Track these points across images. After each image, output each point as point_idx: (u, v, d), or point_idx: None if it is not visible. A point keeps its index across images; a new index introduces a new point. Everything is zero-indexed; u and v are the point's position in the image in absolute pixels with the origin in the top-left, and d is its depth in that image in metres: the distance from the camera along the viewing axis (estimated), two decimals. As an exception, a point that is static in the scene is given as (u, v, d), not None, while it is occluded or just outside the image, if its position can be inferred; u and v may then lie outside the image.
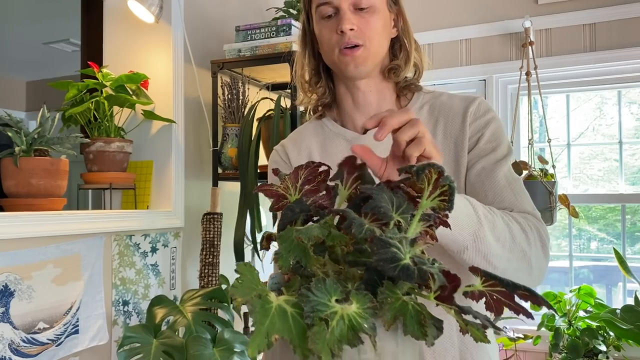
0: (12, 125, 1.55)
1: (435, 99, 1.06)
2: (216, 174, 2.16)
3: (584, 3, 2.60)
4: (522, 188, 0.98)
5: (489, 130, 0.99)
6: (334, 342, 0.48)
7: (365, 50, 1.00)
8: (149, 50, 2.06)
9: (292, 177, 0.68)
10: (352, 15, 0.99)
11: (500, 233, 0.84)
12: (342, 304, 0.51)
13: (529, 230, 0.89)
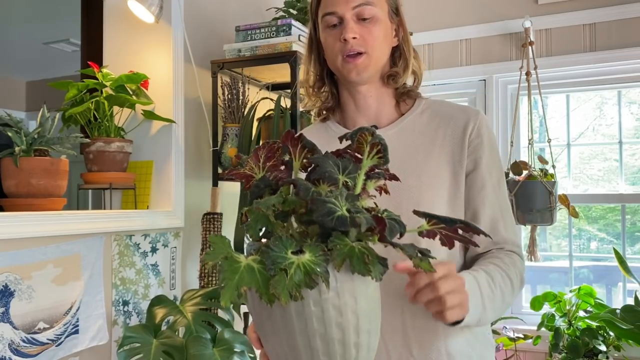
0: (12, 125, 1.55)
1: (436, 105, 1.12)
2: (216, 174, 2.16)
3: (584, 3, 2.60)
4: (510, 215, 1.08)
5: (487, 152, 1.06)
6: (293, 286, 0.60)
7: (367, 57, 1.06)
8: (149, 50, 2.06)
9: (254, 157, 0.76)
10: (355, 24, 1.05)
11: (497, 305, 0.96)
12: (298, 255, 0.62)
13: (517, 281, 1.01)
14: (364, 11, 1.05)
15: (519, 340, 2.50)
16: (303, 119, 2.07)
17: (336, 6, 1.06)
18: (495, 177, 1.07)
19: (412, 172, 1.06)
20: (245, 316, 2.13)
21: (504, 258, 1.03)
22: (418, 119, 1.11)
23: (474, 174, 1.06)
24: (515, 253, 1.06)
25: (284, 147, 0.77)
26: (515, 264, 1.03)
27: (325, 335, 0.65)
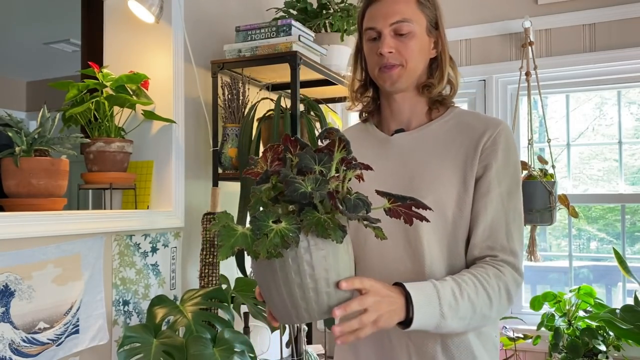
0: (13, 125, 1.55)
1: (463, 115, 1.22)
2: (216, 174, 2.17)
3: (584, 3, 2.60)
4: (518, 227, 1.13)
5: (499, 161, 1.13)
6: (271, 245, 0.81)
7: (401, 69, 1.17)
8: (149, 50, 2.07)
9: (263, 158, 0.96)
10: (392, 39, 1.16)
11: (463, 314, 1.03)
12: (277, 224, 0.83)
13: (496, 295, 1.06)
14: (401, 27, 1.16)
15: (519, 340, 2.50)
16: (303, 119, 2.07)
17: (376, 22, 1.18)
18: (505, 186, 1.13)
19: (424, 173, 1.17)
20: (245, 316, 2.13)
21: (489, 270, 1.08)
22: (442, 127, 1.21)
23: (482, 180, 1.14)
24: (509, 264, 1.10)
25: (285, 147, 0.94)
26: (500, 276, 1.08)
27: (302, 285, 0.86)
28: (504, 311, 1.11)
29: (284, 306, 0.88)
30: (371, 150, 1.25)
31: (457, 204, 1.13)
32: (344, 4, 2.33)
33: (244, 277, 2.02)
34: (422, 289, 1.01)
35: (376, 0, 1.19)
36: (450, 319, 1.01)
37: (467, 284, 1.05)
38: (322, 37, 2.36)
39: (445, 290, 1.02)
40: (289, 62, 2.02)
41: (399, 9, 1.16)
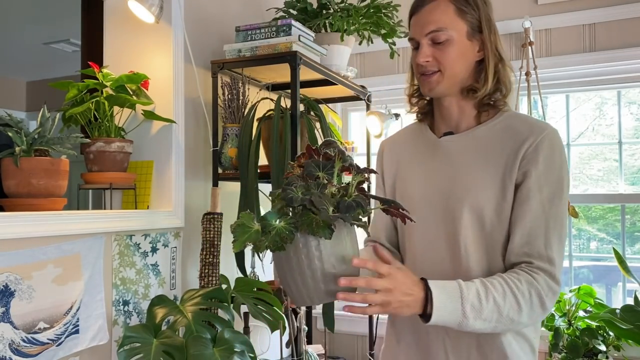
0: (13, 125, 1.55)
1: (512, 119, 1.22)
2: (216, 174, 2.17)
3: (584, 3, 2.60)
4: (559, 235, 1.14)
5: (540, 168, 1.14)
6: (272, 241, 0.96)
7: (440, 75, 1.21)
8: (149, 50, 2.07)
9: (297, 162, 1.09)
10: (429, 48, 1.20)
11: (487, 315, 1.06)
12: (279, 223, 0.98)
13: (526, 300, 1.08)
14: (437, 36, 1.19)
15: (519, 340, 2.50)
16: (303, 119, 2.07)
17: (414, 33, 1.23)
18: (547, 193, 1.14)
19: (464, 176, 1.21)
20: (245, 316, 2.13)
21: (522, 276, 1.10)
22: (489, 131, 1.23)
23: (521, 186, 1.15)
24: (544, 271, 1.11)
25: (309, 154, 1.08)
26: (532, 283, 1.09)
27: (303, 273, 1.00)
28: (538, 317, 1.12)
29: (297, 289, 1.02)
30: (421, 150, 1.32)
31: (494, 209, 1.16)
32: (344, 4, 2.33)
33: (244, 277, 2.02)
34: (445, 287, 1.06)
35: (417, 10, 1.23)
36: (472, 319, 1.05)
37: (495, 287, 1.08)
38: (322, 37, 2.36)
39: (470, 291, 1.06)
40: (289, 62, 2.02)
41: (435, 18, 1.19)
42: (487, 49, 1.22)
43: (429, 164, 1.28)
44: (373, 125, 2.71)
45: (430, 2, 1.20)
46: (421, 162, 1.30)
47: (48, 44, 4.57)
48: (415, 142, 1.36)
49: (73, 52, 4.72)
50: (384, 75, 3.01)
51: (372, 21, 2.35)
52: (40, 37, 4.42)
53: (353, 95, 2.67)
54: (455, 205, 1.20)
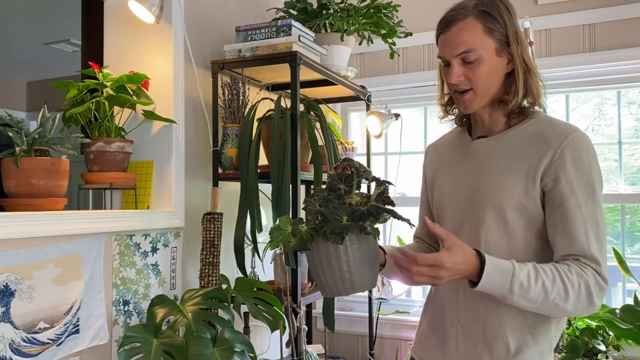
0: (13, 125, 1.55)
1: (540, 124, 1.27)
2: (216, 174, 2.17)
3: (584, 3, 2.60)
4: (596, 232, 1.18)
5: (569, 172, 1.18)
6: (297, 242, 1.14)
7: (472, 93, 1.26)
8: (149, 50, 2.07)
9: (334, 170, 1.21)
10: (460, 67, 1.24)
11: (533, 296, 1.12)
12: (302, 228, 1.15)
13: (574, 290, 1.13)
14: (468, 57, 1.22)
15: (519, 340, 2.50)
16: (303, 119, 2.07)
17: (444, 52, 1.27)
18: (580, 195, 1.18)
19: (489, 177, 1.27)
20: (245, 316, 2.13)
21: (572, 267, 1.15)
22: (518, 135, 1.27)
23: (554, 191, 1.19)
24: (592, 269, 1.16)
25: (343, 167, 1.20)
26: (582, 275, 1.14)
27: (324, 270, 1.15)
28: (584, 310, 1.16)
29: (327, 283, 1.16)
30: (457, 153, 1.40)
31: (517, 210, 1.22)
32: (344, 4, 2.33)
33: (244, 277, 2.03)
34: (498, 262, 1.14)
35: (444, 30, 1.27)
36: (517, 297, 1.12)
37: (546, 272, 1.14)
38: (322, 37, 2.36)
39: (522, 271, 1.13)
40: (289, 62, 2.02)
41: (464, 39, 1.22)
42: (516, 61, 1.25)
43: (462, 165, 1.36)
44: (373, 125, 2.71)
45: (458, 22, 1.24)
46: (456, 163, 1.38)
47: (48, 44, 4.57)
48: (454, 145, 1.44)
49: (73, 52, 4.72)
50: (384, 75, 3.01)
51: (372, 21, 2.35)
52: (40, 37, 4.41)
53: (353, 95, 2.67)
54: (479, 203, 1.27)
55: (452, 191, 1.35)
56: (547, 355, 1.24)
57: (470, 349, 1.26)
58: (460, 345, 1.28)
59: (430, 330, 1.38)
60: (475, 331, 1.26)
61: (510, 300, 1.13)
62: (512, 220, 1.22)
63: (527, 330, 1.23)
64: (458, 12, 1.25)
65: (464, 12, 1.24)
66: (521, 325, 1.23)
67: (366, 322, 2.79)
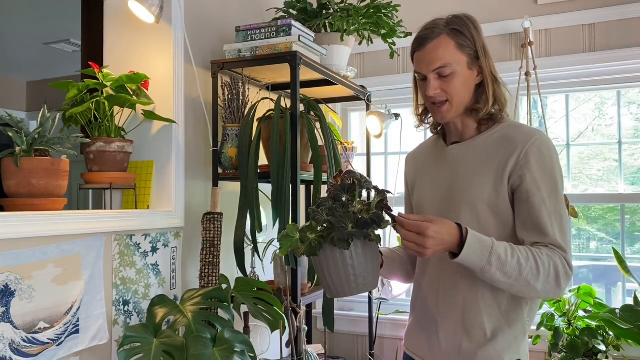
0: (13, 125, 1.56)
1: (507, 129, 1.40)
2: (216, 174, 2.17)
3: (584, 3, 2.60)
4: (560, 223, 1.31)
5: (534, 170, 1.31)
6: (306, 249, 1.24)
7: (449, 104, 1.38)
8: (149, 50, 2.07)
9: (334, 179, 1.30)
10: (437, 81, 1.36)
11: (509, 270, 1.23)
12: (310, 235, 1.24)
13: (545, 269, 1.25)
14: (443, 71, 1.35)
15: (519, 340, 2.50)
16: (303, 119, 2.07)
17: (421, 68, 1.38)
18: (545, 191, 1.31)
19: (464, 178, 1.40)
20: (245, 316, 2.13)
21: (543, 249, 1.27)
22: (487, 139, 1.40)
23: (521, 188, 1.32)
24: (560, 254, 1.27)
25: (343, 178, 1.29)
26: (552, 257, 1.26)
27: (331, 273, 1.25)
28: (551, 291, 1.27)
29: (334, 284, 1.26)
30: (434, 159, 1.52)
31: (488, 206, 1.34)
32: (344, 4, 2.34)
33: (244, 277, 2.03)
34: (479, 236, 1.24)
35: (420, 47, 1.38)
36: (495, 269, 1.22)
37: (521, 251, 1.25)
38: (322, 37, 2.36)
39: (500, 246, 1.24)
40: (289, 62, 2.02)
41: (440, 55, 1.34)
42: (485, 73, 1.39)
43: (438, 169, 1.48)
44: (373, 125, 2.71)
45: (433, 39, 1.35)
46: (433, 168, 1.50)
47: (48, 44, 4.56)
48: (430, 152, 1.56)
49: (73, 52, 4.72)
50: (384, 75, 3.01)
51: (372, 21, 2.35)
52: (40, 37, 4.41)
53: (353, 95, 2.67)
54: (455, 202, 1.39)
55: (431, 193, 1.48)
56: (521, 339, 1.36)
57: (451, 336, 1.38)
58: (441, 334, 1.39)
59: (417, 323, 1.49)
60: (455, 320, 1.37)
61: (488, 273, 1.23)
62: (484, 216, 1.34)
63: (501, 317, 1.34)
64: (432, 30, 1.37)
65: (437, 31, 1.36)
66: (496, 312, 1.34)
67: (366, 322, 2.79)
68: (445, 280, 1.39)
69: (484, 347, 1.34)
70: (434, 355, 1.42)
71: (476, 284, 1.35)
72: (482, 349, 1.34)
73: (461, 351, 1.36)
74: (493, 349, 1.33)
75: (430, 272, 1.46)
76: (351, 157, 2.68)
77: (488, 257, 1.22)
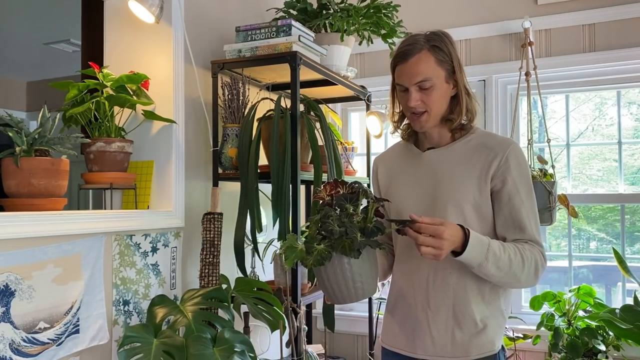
0: (13, 125, 1.56)
1: (482, 137, 1.52)
2: (216, 174, 2.17)
3: (584, 3, 2.61)
4: (536, 221, 1.46)
5: (513, 174, 1.45)
6: (315, 259, 1.26)
7: (427, 115, 1.49)
8: (149, 50, 2.07)
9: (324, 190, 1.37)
10: (417, 93, 1.47)
11: (501, 265, 1.37)
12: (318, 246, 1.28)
13: (528, 262, 1.40)
14: (424, 84, 1.46)
15: (519, 339, 2.51)
16: (303, 119, 2.07)
17: (403, 81, 1.48)
18: (523, 192, 1.45)
19: (448, 181, 1.50)
20: (245, 316, 2.13)
21: (525, 245, 1.42)
22: (465, 145, 1.52)
23: (502, 190, 1.45)
24: (538, 250, 1.43)
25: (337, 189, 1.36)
26: (533, 252, 1.41)
27: (338, 281, 1.30)
28: (530, 282, 1.42)
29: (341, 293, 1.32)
30: (409, 163, 1.61)
31: (473, 207, 1.46)
32: (344, 4, 2.34)
33: (244, 277, 2.03)
34: (479, 236, 1.37)
35: (402, 61, 1.48)
36: (490, 264, 1.35)
37: (510, 248, 1.40)
38: (322, 37, 2.36)
39: (494, 243, 1.37)
40: (289, 62, 2.02)
41: (421, 69, 1.45)
42: (460, 86, 1.50)
43: (417, 172, 1.57)
44: (373, 125, 2.71)
45: (414, 54, 1.45)
46: (410, 171, 1.60)
47: (48, 44, 4.56)
48: (403, 157, 1.65)
49: (73, 52, 4.72)
50: (384, 75, 3.01)
51: (372, 21, 2.35)
52: (40, 37, 4.41)
53: (353, 95, 2.67)
54: (441, 203, 1.49)
55: (411, 193, 1.57)
56: (503, 325, 1.51)
57: (442, 328, 1.47)
58: (432, 327, 1.48)
59: (400, 320, 1.57)
60: (446, 313, 1.47)
61: (484, 268, 1.36)
62: (469, 216, 1.46)
63: (485, 307, 1.47)
64: (413, 46, 1.46)
65: (418, 46, 1.46)
66: (481, 302, 1.46)
67: (366, 322, 2.79)
68: (435, 276, 1.48)
69: (477, 336, 1.45)
70: (425, 350, 1.49)
71: (465, 277, 1.46)
72: (475, 338, 1.45)
73: (455, 341, 1.46)
74: (485, 336, 1.45)
75: (418, 270, 1.52)
76: (351, 157, 2.68)
77: (486, 253, 1.35)
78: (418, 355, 1.51)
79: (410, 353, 1.53)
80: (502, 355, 1.51)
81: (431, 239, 1.30)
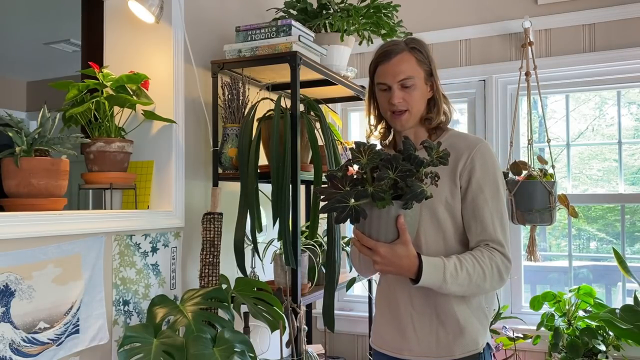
0: (13, 125, 1.56)
1: (453, 138, 1.55)
2: (216, 174, 2.17)
3: (584, 3, 2.60)
4: (501, 221, 1.47)
5: (478, 174, 1.48)
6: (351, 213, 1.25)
7: (408, 113, 1.53)
8: (149, 50, 2.07)
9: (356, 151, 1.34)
10: (400, 91, 1.51)
11: (461, 281, 1.39)
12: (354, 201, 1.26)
13: (489, 271, 1.41)
14: (406, 82, 1.51)
15: (519, 340, 2.51)
16: (303, 119, 2.07)
17: (386, 79, 1.52)
18: (488, 191, 1.47)
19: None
20: (245, 316, 2.13)
21: (484, 252, 1.43)
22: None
23: (467, 190, 1.48)
24: (499, 251, 1.44)
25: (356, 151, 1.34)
26: (492, 258, 1.43)
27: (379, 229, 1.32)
28: (497, 285, 1.45)
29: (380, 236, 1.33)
30: None
31: (445, 208, 1.48)
32: (344, 4, 2.33)
33: (244, 277, 2.03)
34: (432, 260, 1.39)
35: (384, 60, 1.52)
36: (450, 284, 1.38)
37: (467, 261, 1.41)
38: (322, 37, 2.36)
39: (450, 264, 1.39)
40: (289, 62, 2.02)
41: (404, 68, 1.50)
42: (436, 89, 1.56)
43: None
44: (373, 125, 2.70)
45: (397, 54, 1.51)
46: None
47: (48, 44, 4.56)
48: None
49: (73, 52, 4.72)
50: (383, 75, 3.01)
51: (372, 21, 2.35)
52: (40, 37, 4.41)
53: (353, 95, 2.67)
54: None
55: None
56: (486, 324, 1.52)
57: (426, 327, 1.50)
58: (417, 327, 1.50)
59: (387, 322, 1.58)
60: (429, 313, 1.49)
61: (445, 289, 1.39)
62: (443, 218, 1.48)
63: (467, 307, 1.48)
64: (395, 47, 1.52)
65: (400, 47, 1.52)
66: (463, 302, 1.48)
67: (366, 322, 2.79)
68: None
69: (460, 336, 1.48)
70: (410, 350, 1.52)
71: None
72: (459, 338, 1.48)
73: (439, 341, 1.49)
74: (468, 335, 1.48)
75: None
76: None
77: (443, 277, 1.37)
78: (404, 356, 1.53)
79: (396, 354, 1.55)
80: (488, 353, 1.53)
81: (366, 250, 1.35)
